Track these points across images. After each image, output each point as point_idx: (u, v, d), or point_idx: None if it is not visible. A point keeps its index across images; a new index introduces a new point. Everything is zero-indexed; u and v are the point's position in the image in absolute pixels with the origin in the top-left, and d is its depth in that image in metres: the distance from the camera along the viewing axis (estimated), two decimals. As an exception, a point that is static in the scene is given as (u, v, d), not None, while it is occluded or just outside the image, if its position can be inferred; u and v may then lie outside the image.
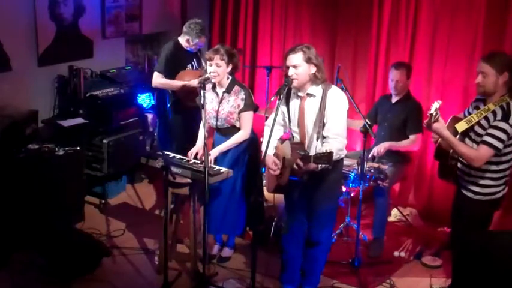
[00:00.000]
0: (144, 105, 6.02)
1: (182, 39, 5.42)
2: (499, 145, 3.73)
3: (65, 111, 5.64)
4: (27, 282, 4.41)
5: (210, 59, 4.44)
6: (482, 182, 3.88)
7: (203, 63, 5.54)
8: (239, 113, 4.49)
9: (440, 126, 3.76)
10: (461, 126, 3.84)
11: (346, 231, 5.20)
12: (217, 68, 4.43)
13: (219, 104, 4.52)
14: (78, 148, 5.18)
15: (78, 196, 5.30)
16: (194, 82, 5.27)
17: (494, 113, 3.76)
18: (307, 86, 3.99)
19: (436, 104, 3.69)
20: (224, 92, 4.52)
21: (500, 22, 5.10)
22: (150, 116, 6.05)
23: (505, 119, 3.72)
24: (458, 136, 3.88)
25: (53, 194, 4.95)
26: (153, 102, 6.08)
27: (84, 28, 5.90)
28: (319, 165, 3.78)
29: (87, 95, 5.61)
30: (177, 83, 5.33)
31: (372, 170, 4.87)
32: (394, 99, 5.20)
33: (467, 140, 3.89)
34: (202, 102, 4.45)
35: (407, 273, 4.75)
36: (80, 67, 5.62)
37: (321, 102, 3.94)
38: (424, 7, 5.48)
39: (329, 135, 3.93)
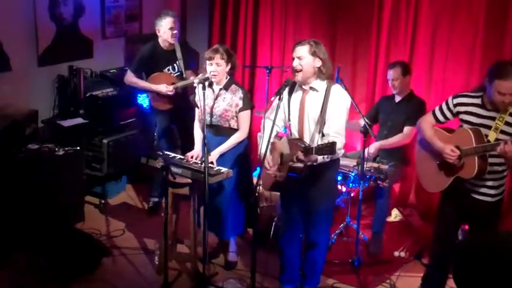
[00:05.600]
0: (144, 105, 6.01)
1: (159, 38, 5.43)
2: None
3: (65, 111, 5.64)
4: (27, 282, 4.40)
5: (210, 59, 4.45)
6: (494, 183, 3.87)
7: (181, 67, 5.51)
8: (238, 112, 4.49)
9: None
10: (492, 136, 3.77)
11: (346, 231, 5.20)
12: (217, 67, 4.44)
13: (214, 100, 4.53)
14: (78, 148, 5.18)
15: (78, 196, 5.30)
16: (160, 87, 5.33)
17: None
18: (311, 80, 3.99)
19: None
20: (221, 89, 4.53)
21: (500, 22, 5.10)
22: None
23: None
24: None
25: (53, 194, 4.94)
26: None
27: (84, 28, 5.90)
28: (320, 157, 3.78)
29: (87, 95, 5.61)
30: (145, 85, 5.44)
31: (371, 170, 4.88)
32: (397, 99, 5.20)
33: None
34: (197, 100, 4.47)
35: (407, 273, 4.75)
36: (80, 67, 5.63)
37: (323, 99, 3.95)
38: (424, 7, 5.48)
39: (329, 133, 3.92)
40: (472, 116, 3.82)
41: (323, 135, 3.95)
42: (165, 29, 5.35)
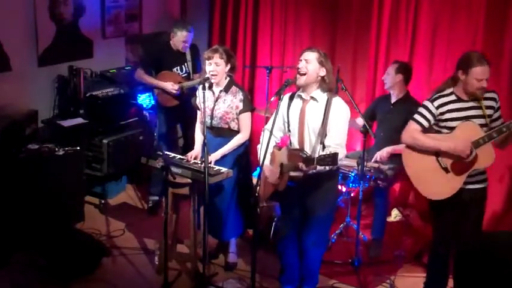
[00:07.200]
0: (144, 105, 6.02)
1: (171, 40, 5.52)
2: None
3: (65, 111, 5.64)
4: (27, 282, 4.41)
5: (209, 58, 4.44)
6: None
7: (189, 69, 5.55)
8: (239, 114, 4.49)
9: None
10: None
11: (346, 231, 5.20)
12: (216, 67, 4.43)
13: (215, 102, 4.51)
14: (78, 148, 5.18)
15: (78, 196, 5.30)
16: (166, 85, 5.39)
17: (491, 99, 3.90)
18: (312, 89, 4.00)
19: None
20: (221, 90, 4.52)
21: (500, 22, 5.10)
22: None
23: None
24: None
25: (53, 194, 4.95)
26: (153, 102, 6.08)
27: (84, 28, 5.90)
28: (323, 167, 3.79)
29: (87, 95, 5.61)
30: (152, 81, 5.53)
31: (371, 170, 4.87)
32: (393, 99, 5.18)
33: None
34: (198, 103, 4.46)
35: (407, 273, 4.75)
36: (80, 67, 5.62)
37: (325, 110, 3.95)
38: (424, 7, 5.48)
39: (331, 145, 3.93)
40: (456, 112, 3.89)
41: (324, 146, 3.96)
42: (178, 39, 5.45)
